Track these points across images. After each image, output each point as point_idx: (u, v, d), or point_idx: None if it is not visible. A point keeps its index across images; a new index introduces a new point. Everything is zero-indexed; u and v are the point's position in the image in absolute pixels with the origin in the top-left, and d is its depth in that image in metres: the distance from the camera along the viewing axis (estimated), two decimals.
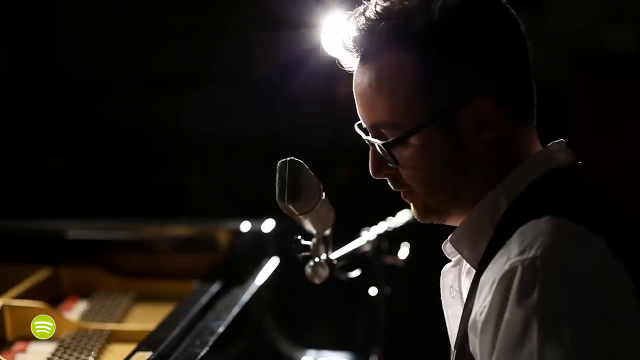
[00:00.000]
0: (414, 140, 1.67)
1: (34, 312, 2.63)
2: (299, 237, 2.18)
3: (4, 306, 2.64)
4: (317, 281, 2.20)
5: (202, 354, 2.29)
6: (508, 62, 1.68)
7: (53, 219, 3.43)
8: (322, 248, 2.21)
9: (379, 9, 1.66)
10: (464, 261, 1.78)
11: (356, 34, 1.69)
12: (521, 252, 1.50)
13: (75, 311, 2.99)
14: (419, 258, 2.69)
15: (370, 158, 1.77)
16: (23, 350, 2.58)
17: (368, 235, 2.58)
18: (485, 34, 1.66)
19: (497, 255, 1.56)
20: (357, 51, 1.72)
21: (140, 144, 4.66)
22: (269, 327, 3.03)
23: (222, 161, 4.52)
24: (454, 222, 1.78)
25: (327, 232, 2.21)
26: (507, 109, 1.66)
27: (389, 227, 2.67)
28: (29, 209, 3.85)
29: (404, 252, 2.66)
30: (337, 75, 1.85)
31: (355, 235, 2.57)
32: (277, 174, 1.86)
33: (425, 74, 1.64)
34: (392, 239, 2.66)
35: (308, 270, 2.19)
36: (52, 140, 4.57)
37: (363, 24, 1.67)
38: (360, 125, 1.78)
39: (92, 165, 4.72)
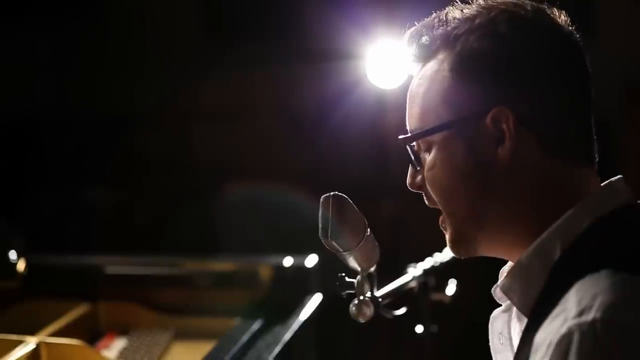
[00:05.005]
0: (436, 146, 1.65)
1: (70, 350, 2.58)
2: (343, 274, 2.11)
3: (40, 344, 2.59)
4: (361, 320, 2.13)
5: None
6: (545, 86, 1.61)
7: (92, 253, 3.39)
8: (366, 286, 2.14)
9: (441, 17, 1.69)
10: (514, 307, 1.69)
11: (419, 39, 1.70)
12: (579, 314, 1.39)
13: (114, 349, 2.96)
14: (466, 295, 2.61)
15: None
16: None
17: (414, 271, 2.52)
18: (524, 54, 1.61)
19: (553, 313, 1.45)
20: (415, 57, 1.73)
21: (181, 176, 4.65)
22: None
23: (265, 194, 4.49)
24: (488, 253, 1.72)
25: (372, 269, 2.14)
26: (542, 139, 1.60)
27: (435, 263, 2.60)
28: (69, 243, 3.83)
29: (451, 288, 2.59)
30: (382, 107, 1.81)
31: (401, 271, 2.50)
32: (320, 210, 1.81)
33: (453, 78, 1.63)
34: (439, 275, 2.59)
35: (352, 309, 2.12)
36: (93, 173, 4.57)
37: (427, 30, 1.69)
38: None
39: (132, 198, 4.71)
